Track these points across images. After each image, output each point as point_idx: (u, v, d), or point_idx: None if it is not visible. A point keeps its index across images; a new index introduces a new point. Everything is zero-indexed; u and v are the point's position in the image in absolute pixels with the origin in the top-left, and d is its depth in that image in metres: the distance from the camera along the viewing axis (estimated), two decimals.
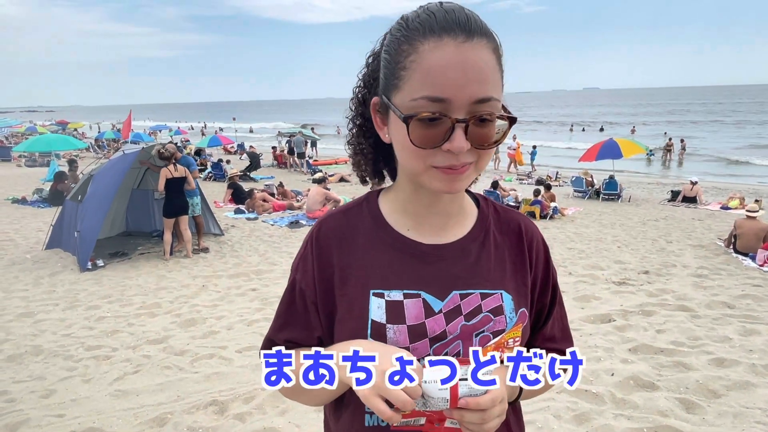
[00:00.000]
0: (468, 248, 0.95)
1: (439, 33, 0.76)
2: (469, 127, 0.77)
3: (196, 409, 3.55)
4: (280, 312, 0.99)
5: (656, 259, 7.88)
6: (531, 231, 1.02)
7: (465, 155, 0.79)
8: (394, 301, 0.88)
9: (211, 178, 17.97)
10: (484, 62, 0.77)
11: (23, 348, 4.60)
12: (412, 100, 0.77)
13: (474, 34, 0.77)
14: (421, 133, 0.77)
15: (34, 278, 6.75)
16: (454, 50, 0.75)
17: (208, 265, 7.47)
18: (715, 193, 15.39)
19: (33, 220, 10.63)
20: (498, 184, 13.25)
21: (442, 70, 0.75)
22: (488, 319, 0.90)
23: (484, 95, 0.76)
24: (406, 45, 0.79)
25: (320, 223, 0.98)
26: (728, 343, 4.59)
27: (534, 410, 3.49)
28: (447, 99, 0.75)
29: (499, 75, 0.80)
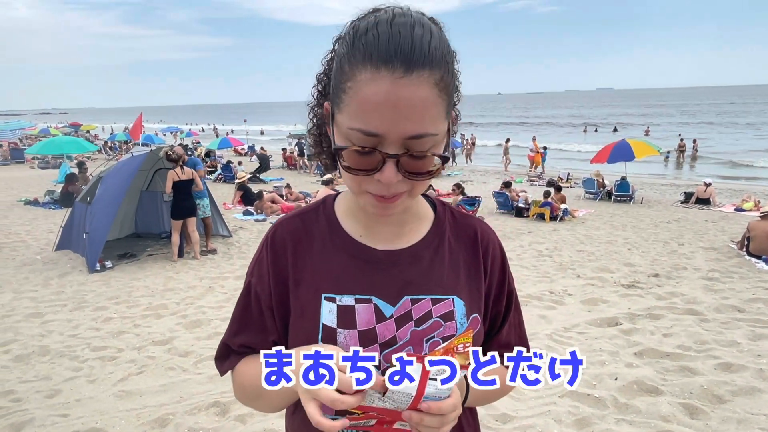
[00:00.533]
0: (421, 254, 0.95)
1: (376, 64, 0.73)
2: (400, 161, 0.77)
3: (198, 411, 3.58)
4: (236, 316, 0.98)
5: (667, 261, 7.78)
6: (487, 237, 1.02)
7: (397, 185, 0.79)
8: (346, 306, 0.89)
9: (220, 179, 18.10)
10: (421, 99, 0.74)
11: (31, 348, 4.66)
12: (348, 128, 0.77)
13: (414, 67, 0.73)
14: (354, 161, 0.78)
15: (43, 279, 6.84)
16: (390, 86, 0.73)
17: (216, 267, 7.52)
18: (729, 195, 15.16)
19: (44, 222, 10.77)
20: (510, 184, 13.15)
21: (375, 106, 0.73)
22: (438, 325, 0.90)
23: (418, 132, 0.75)
24: (347, 66, 0.77)
25: (276, 226, 0.98)
26: (736, 348, 4.53)
27: (534, 414, 3.48)
28: (380, 134, 0.75)
29: (440, 107, 0.77)
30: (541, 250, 8.63)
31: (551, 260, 7.95)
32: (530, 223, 11.35)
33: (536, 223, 11.24)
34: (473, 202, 10.42)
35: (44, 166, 22.57)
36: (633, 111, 79.22)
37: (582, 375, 3.95)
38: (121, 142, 29.75)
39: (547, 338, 4.75)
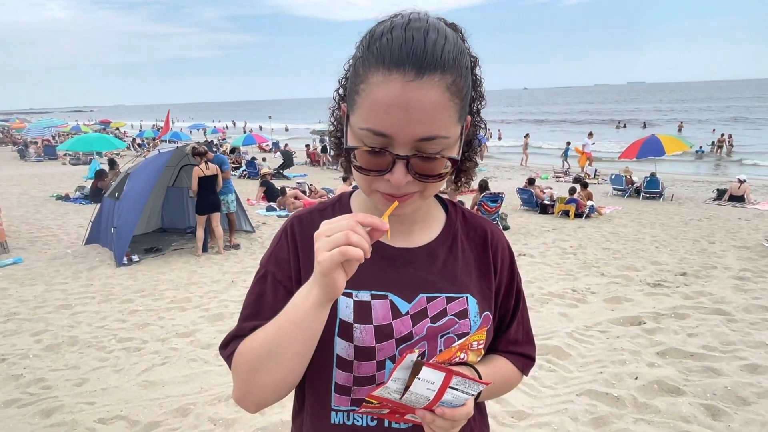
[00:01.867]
0: (436, 252, 0.98)
1: (388, 67, 0.75)
2: (410, 163, 0.78)
3: (218, 401, 3.66)
4: (248, 304, 0.97)
5: (696, 260, 7.60)
6: (497, 238, 1.04)
7: (407, 186, 0.81)
8: (362, 302, 0.90)
9: (245, 176, 18.36)
10: (431, 102, 0.76)
11: (60, 338, 4.83)
12: (360, 128, 0.79)
13: (425, 71, 0.75)
14: (365, 161, 0.80)
15: (73, 272, 7.06)
16: (400, 89, 0.75)
17: (239, 261, 7.65)
18: (765, 192, 14.69)
19: (75, 217, 11.10)
20: (534, 181, 13.00)
21: (386, 108, 0.76)
22: (453, 322, 0.93)
23: (428, 134, 0.77)
24: (361, 69, 0.80)
25: (292, 219, 1.00)
26: (764, 349, 4.41)
27: (551, 412, 3.46)
28: (390, 135, 0.77)
29: (452, 110, 0.78)
30: (565, 248, 8.52)
31: (575, 258, 7.85)
32: (555, 220, 11.20)
33: (561, 220, 11.09)
34: (496, 199, 10.34)
35: (75, 162, 23.25)
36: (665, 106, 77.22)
37: (602, 374, 3.94)
38: (149, 139, 30.40)
39: (567, 336, 4.69)
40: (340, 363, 0.90)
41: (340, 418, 0.93)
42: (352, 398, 0.92)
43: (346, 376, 0.91)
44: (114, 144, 20.11)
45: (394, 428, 0.93)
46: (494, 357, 1.06)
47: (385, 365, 0.90)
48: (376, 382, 0.90)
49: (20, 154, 26.14)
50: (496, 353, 1.08)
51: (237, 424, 3.38)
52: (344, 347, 0.90)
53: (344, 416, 0.93)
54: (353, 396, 0.92)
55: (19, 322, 5.27)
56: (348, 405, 0.92)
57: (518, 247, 8.43)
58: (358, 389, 0.91)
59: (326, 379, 0.92)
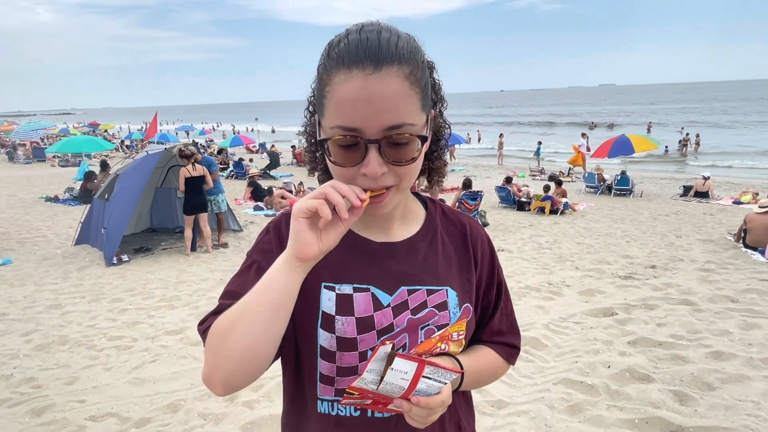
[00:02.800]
0: (416, 247, 1.01)
1: (348, 65, 0.80)
2: (382, 148, 0.82)
3: (207, 397, 3.73)
4: (230, 287, 0.97)
5: (664, 253, 7.87)
6: (476, 231, 1.08)
7: (384, 178, 0.84)
8: (344, 294, 0.94)
9: (233, 176, 18.38)
10: (393, 91, 0.80)
11: (51, 338, 4.89)
12: (330, 128, 0.83)
13: (383, 64, 0.79)
14: (339, 155, 0.84)
15: (63, 272, 7.11)
16: (362, 83, 0.79)
17: (227, 260, 7.73)
18: (727, 188, 15.24)
19: (64, 218, 11.10)
20: (511, 179, 13.26)
21: (352, 102, 0.80)
22: (433, 314, 0.96)
23: (395, 122, 0.81)
24: (325, 74, 0.84)
25: (280, 217, 1.02)
26: (727, 337, 4.60)
27: (528, 401, 3.59)
28: (359, 128, 0.81)
29: (414, 98, 0.83)
30: (542, 243, 8.74)
31: (551, 252, 8.07)
32: (531, 216, 11.47)
33: (537, 217, 11.37)
34: (475, 197, 10.60)
35: (64, 164, 23.11)
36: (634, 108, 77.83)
37: (576, 363, 4.09)
38: (138, 141, 30.27)
39: (544, 328, 4.85)
40: (323, 353, 0.93)
41: (326, 408, 0.97)
42: (336, 388, 0.95)
43: (329, 366, 0.93)
44: (102, 146, 20.06)
45: (377, 418, 0.95)
46: (478, 347, 1.09)
47: (367, 356, 0.92)
48: (358, 373, 0.91)
49: (9, 156, 25.98)
50: (480, 344, 1.10)
51: (226, 418, 3.44)
52: (327, 338, 0.92)
53: (329, 406, 0.96)
54: (337, 386, 0.94)
55: (9, 322, 5.33)
56: (332, 395, 0.95)
57: (497, 243, 8.60)
58: (341, 379, 0.93)
59: (311, 369, 0.95)
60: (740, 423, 3.22)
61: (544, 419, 3.35)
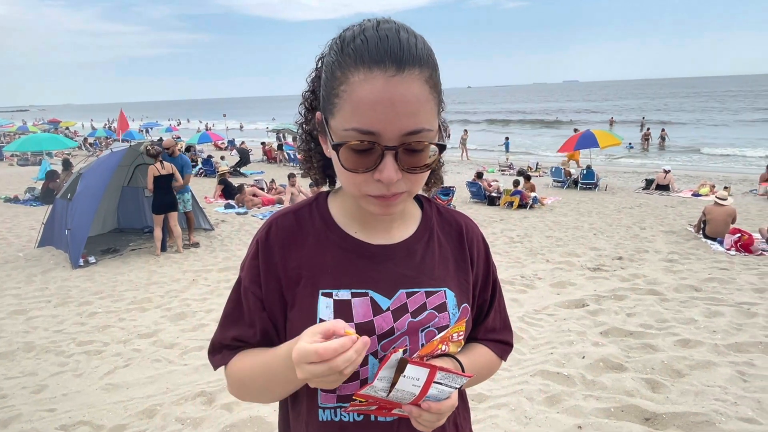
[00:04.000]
0: (414, 248, 0.98)
1: (369, 65, 0.76)
2: (398, 155, 0.79)
3: (184, 401, 3.65)
4: (227, 311, 0.99)
5: (630, 245, 8.12)
6: (472, 231, 1.07)
7: (397, 185, 0.81)
8: (342, 300, 0.91)
9: (201, 174, 18.04)
10: (415, 95, 0.77)
11: (15, 345, 4.71)
12: (344, 129, 0.79)
13: (405, 66, 0.76)
14: (352, 160, 0.80)
15: (26, 276, 6.86)
16: (384, 84, 0.75)
17: (198, 260, 7.59)
18: (687, 181, 15.82)
19: (25, 219, 10.71)
20: (482, 174, 13.46)
21: (371, 105, 0.76)
22: (433, 316, 0.94)
23: (414, 128, 0.77)
24: (338, 72, 0.79)
25: (269, 223, 0.98)
26: (693, 325, 4.77)
27: (508, 393, 3.64)
28: (376, 132, 0.77)
29: (432, 103, 0.80)
30: (513, 237, 8.90)
31: (522, 246, 8.23)
32: (502, 211, 11.67)
33: (507, 211, 11.57)
34: (447, 192, 10.74)
35: (24, 163, 22.28)
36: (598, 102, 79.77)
37: (552, 354, 4.17)
38: (102, 138, 29.37)
39: (519, 320, 4.93)
40: None
41: (328, 415, 0.95)
42: (338, 395, 0.93)
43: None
44: (65, 143, 19.36)
45: (381, 422, 0.94)
46: (474, 345, 1.08)
47: (368, 361, 0.90)
48: (359, 378, 0.91)
49: None
50: (475, 341, 1.09)
51: (205, 422, 3.38)
52: None
53: (331, 413, 0.94)
54: (339, 392, 0.92)
55: None
56: (334, 402, 0.93)
57: None
58: (343, 386, 0.90)
59: None
60: (710, 408, 3.34)
61: (524, 411, 3.41)
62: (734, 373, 3.80)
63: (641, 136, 28.30)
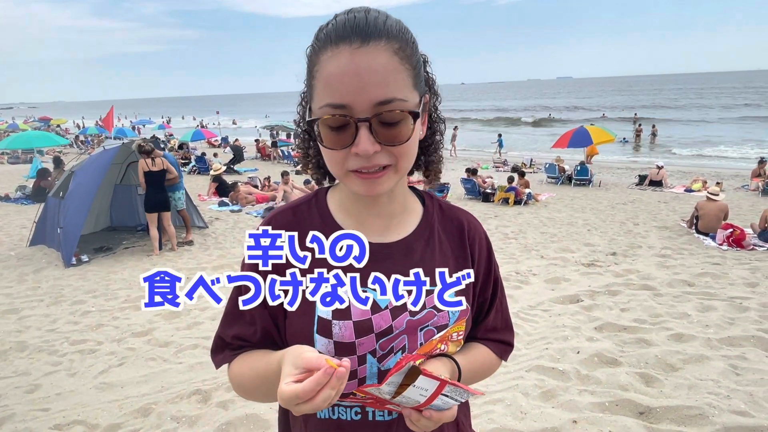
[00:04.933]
0: (413, 247, 0.97)
1: (335, 41, 0.79)
2: (373, 127, 0.79)
3: (179, 399, 3.64)
4: (228, 310, 0.98)
5: (623, 240, 8.18)
6: (474, 228, 1.05)
7: (377, 157, 0.81)
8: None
9: (195, 171, 17.96)
10: (381, 65, 0.78)
11: (8, 344, 4.67)
12: (319, 108, 0.81)
13: (370, 38, 0.78)
14: (330, 137, 0.81)
15: (18, 275, 6.80)
16: (349, 57, 0.77)
17: (193, 258, 7.56)
18: (679, 177, 15.93)
19: (17, 217, 10.61)
20: (476, 171, 13.48)
21: (339, 77, 0.78)
22: (432, 315, 0.93)
23: (385, 97, 0.78)
24: (314, 56, 0.83)
25: (269, 220, 0.98)
26: (686, 320, 4.81)
27: (503, 389, 3.66)
28: (347, 105, 0.78)
29: (404, 74, 0.80)
30: (507, 233, 8.93)
31: (516, 242, 8.26)
32: (496, 207, 11.70)
33: (502, 208, 11.61)
34: (442, 189, 10.76)
35: (14, 161, 22.07)
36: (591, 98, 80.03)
37: (547, 350, 4.19)
38: (94, 136, 29.15)
39: (514, 316, 4.94)
40: None
41: (325, 413, 0.95)
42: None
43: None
44: (56, 141, 19.24)
45: (379, 421, 0.94)
46: (474, 345, 1.07)
47: (366, 360, 0.90)
48: (357, 377, 0.90)
49: None
50: (475, 341, 1.08)
51: (201, 420, 3.37)
52: (324, 344, 0.89)
53: (329, 411, 0.95)
54: None
55: None
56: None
57: None
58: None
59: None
60: (703, 401, 3.36)
61: (519, 406, 3.42)
62: (727, 367, 3.84)
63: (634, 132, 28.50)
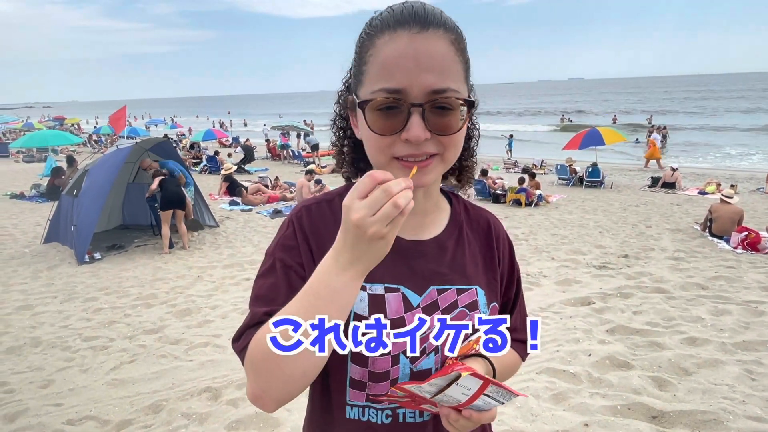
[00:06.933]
0: (445, 245, 0.97)
1: (394, 26, 0.79)
2: (426, 114, 0.77)
3: (190, 396, 3.67)
4: (259, 293, 0.89)
5: (636, 243, 8.09)
6: (498, 228, 1.06)
7: (426, 145, 0.80)
8: (376, 295, 0.89)
9: (206, 171, 18.07)
10: (439, 52, 0.77)
11: (22, 340, 4.73)
12: (371, 92, 0.79)
13: (429, 25, 0.78)
14: (380, 121, 0.79)
15: (32, 272, 6.89)
16: (408, 41, 0.77)
17: (204, 256, 7.60)
18: (693, 179, 15.72)
19: (31, 215, 10.75)
20: (487, 172, 13.41)
21: (396, 60, 0.77)
22: (464, 314, 0.92)
23: (441, 86, 0.77)
24: (367, 42, 0.82)
25: (300, 208, 0.96)
26: (700, 323, 4.75)
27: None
28: (402, 89, 0.76)
29: (458, 66, 0.80)
30: (518, 235, 8.86)
31: (527, 244, 8.19)
32: (507, 208, 11.63)
33: (512, 209, 11.53)
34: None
35: (29, 160, 22.35)
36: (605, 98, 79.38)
37: (558, 352, 4.16)
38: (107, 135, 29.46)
39: None
40: (354, 358, 0.88)
41: (356, 414, 0.92)
42: (368, 393, 0.90)
43: (361, 371, 0.89)
44: (70, 140, 19.43)
45: (409, 423, 0.92)
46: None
47: (399, 360, 0.88)
48: (390, 378, 0.88)
49: None
50: None
51: (211, 417, 3.39)
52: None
53: (359, 412, 0.92)
54: (369, 391, 0.90)
55: None
56: (363, 400, 0.90)
57: None
58: (373, 384, 0.89)
59: (341, 374, 0.90)
60: (717, 406, 3.32)
61: (530, 408, 3.40)
62: (742, 372, 3.79)
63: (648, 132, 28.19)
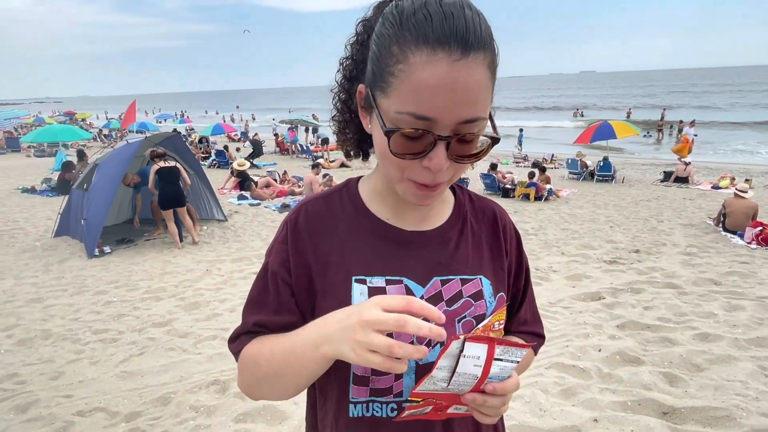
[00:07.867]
0: (448, 235, 0.96)
1: (433, 45, 0.71)
2: (450, 144, 0.75)
3: (198, 389, 3.69)
4: (252, 297, 0.95)
5: (647, 238, 7.99)
6: (504, 218, 1.04)
7: (443, 175, 0.79)
8: (377, 287, 0.88)
9: (215, 165, 18.12)
10: (477, 82, 0.72)
11: (33, 332, 4.78)
12: (398, 112, 0.74)
13: (470, 50, 0.71)
14: (402, 145, 0.76)
15: (43, 265, 6.95)
16: (447, 69, 0.70)
17: (212, 250, 7.63)
18: (706, 173, 15.48)
19: (42, 209, 10.84)
20: (496, 166, 13.33)
21: (432, 90, 0.71)
22: (469, 304, 0.91)
23: (472, 116, 0.74)
24: (396, 48, 0.74)
25: (299, 208, 0.95)
26: (713, 319, 4.69)
27: (522, 386, 3.61)
28: (432, 118, 0.73)
29: (490, 91, 0.76)
30: (527, 229, 8.80)
31: (537, 239, 8.13)
32: (516, 203, 11.54)
33: (522, 203, 11.44)
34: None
35: (40, 154, 22.56)
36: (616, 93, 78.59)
37: (567, 347, 4.13)
38: (117, 130, 29.66)
39: None
40: None
41: (359, 410, 0.90)
42: (371, 388, 0.89)
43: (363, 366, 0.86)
44: (80, 135, 19.57)
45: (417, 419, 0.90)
46: (512, 337, 1.05)
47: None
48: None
49: None
50: (509, 334, 1.06)
51: (219, 410, 3.41)
52: None
53: (363, 408, 0.90)
54: (372, 386, 0.88)
55: None
56: (367, 396, 0.89)
57: None
58: (376, 378, 0.87)
59: (343, 370, 0.88)
60: (730, 403, 3.28)
61: (539, 403, 3.37)
62: (756, 368, 3.73)
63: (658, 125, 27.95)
